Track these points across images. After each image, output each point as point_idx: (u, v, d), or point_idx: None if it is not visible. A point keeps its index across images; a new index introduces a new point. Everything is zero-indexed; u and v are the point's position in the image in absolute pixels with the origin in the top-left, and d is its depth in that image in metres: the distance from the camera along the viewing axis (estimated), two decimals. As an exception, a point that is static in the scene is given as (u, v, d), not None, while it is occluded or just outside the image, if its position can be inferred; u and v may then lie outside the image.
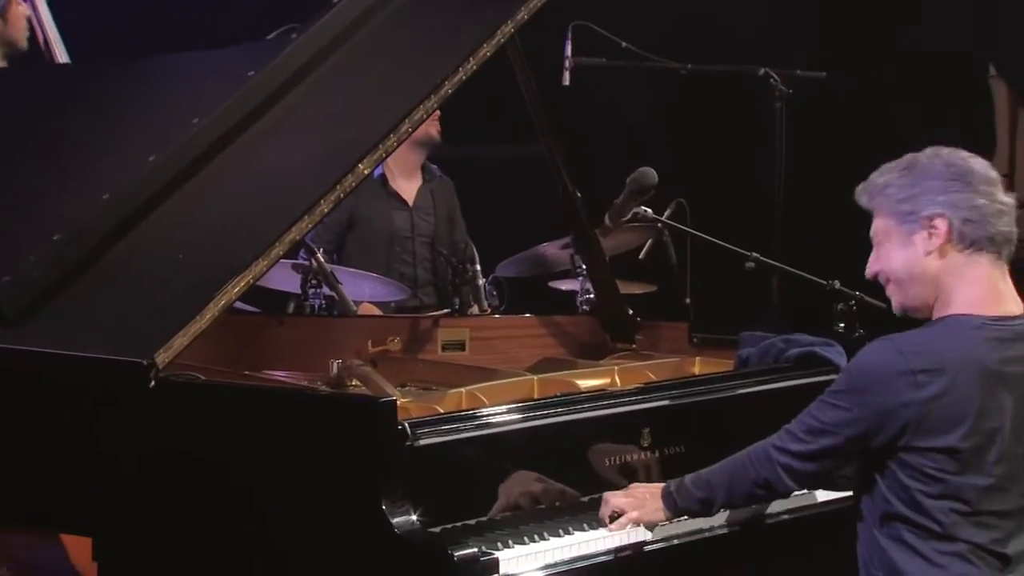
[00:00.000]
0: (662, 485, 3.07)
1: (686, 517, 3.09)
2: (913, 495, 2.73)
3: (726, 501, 2.99)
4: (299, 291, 4.47)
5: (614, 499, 3.09)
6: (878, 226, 2.85)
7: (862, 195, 2.88)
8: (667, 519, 3.06)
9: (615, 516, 3.07)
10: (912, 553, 2.75)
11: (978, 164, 2.83)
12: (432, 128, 5.34)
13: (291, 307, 4.80)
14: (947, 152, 2.83)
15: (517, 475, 3.08)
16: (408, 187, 5.49)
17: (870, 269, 2.89)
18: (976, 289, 2.78)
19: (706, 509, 3.01)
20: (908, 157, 2.85)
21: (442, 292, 5.38)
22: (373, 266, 5.05)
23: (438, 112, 5.31)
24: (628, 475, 3.24)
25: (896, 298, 2.86)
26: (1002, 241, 2.79)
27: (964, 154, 2.83)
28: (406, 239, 5.45)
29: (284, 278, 4.47)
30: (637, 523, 3.05)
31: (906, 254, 2.81)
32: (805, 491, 3.30)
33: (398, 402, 2.93)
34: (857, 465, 2.87)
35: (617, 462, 3.25)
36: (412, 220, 5.47)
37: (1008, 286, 2.83)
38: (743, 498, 2.98)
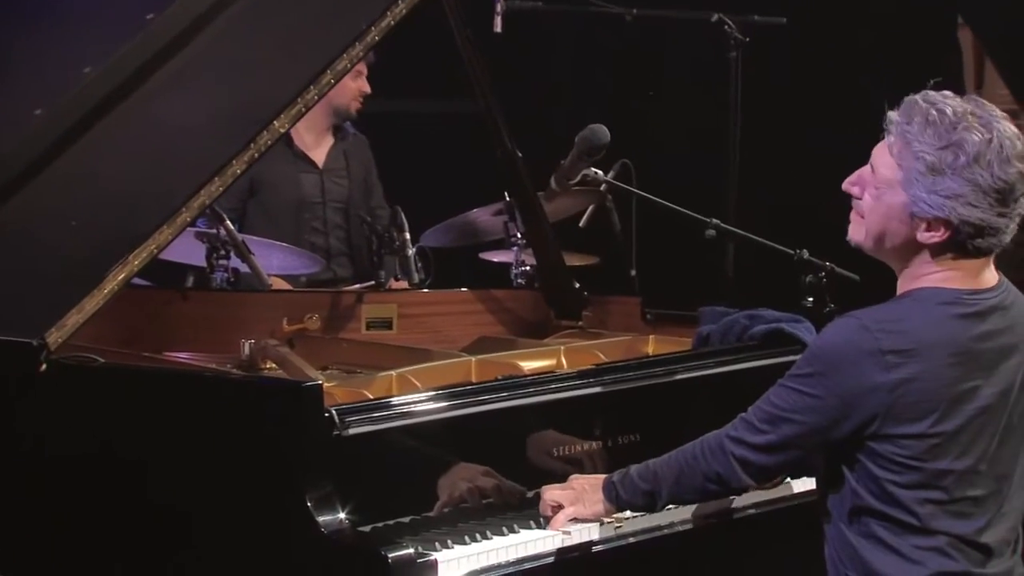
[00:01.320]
0: (604, 476, 3.09)
1: (631, 514, 3.12)
2: (884, 486, 2.77)
3: (673, 495, 3.01)
4: (199, 264, 4.44)
5: (550, 492, 3.11)
6: (886, 171, 2.79)
7: (892, 126, 2.78)
8: (608, 513, 3.08)
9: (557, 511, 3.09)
10: (886, 550, 2.79)
11: (1020, 172, 2.75)
12: (355, 102, 5.35)
13: (190, 281, 4.78)
14: (1001, 145, 2.71)
15: (456, 468, 3.10)
16: (317, 147, 5.47)
17: (851, 187, 2.86)
18: (956, 270, 2.81)
19: (651, 503, 3.03)
20: (962, 128, 2.71)
21: (358, 263, 5.38)
22: (280, 235, 5.03)
23: (364, 77, 5.34)
24: (577, 467, 3.27)
25: (857, 236, 2.86)
26: (999, 247, 2.82)
27: (1019, 150, 2.74)
28: (316, 205, 5.43)
29: (183, 248, 4.44)
30: (575, 518, 3.07)
31: (897, 227, 2.81)
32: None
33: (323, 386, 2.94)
34: (821, 456, 2.89)
35: (565, 453, 3.27)
36: (322, 184, 5.45)
37: (987, 261, 2.86)
38: (693, 493, 3.01)
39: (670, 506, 3.13)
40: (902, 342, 2.75)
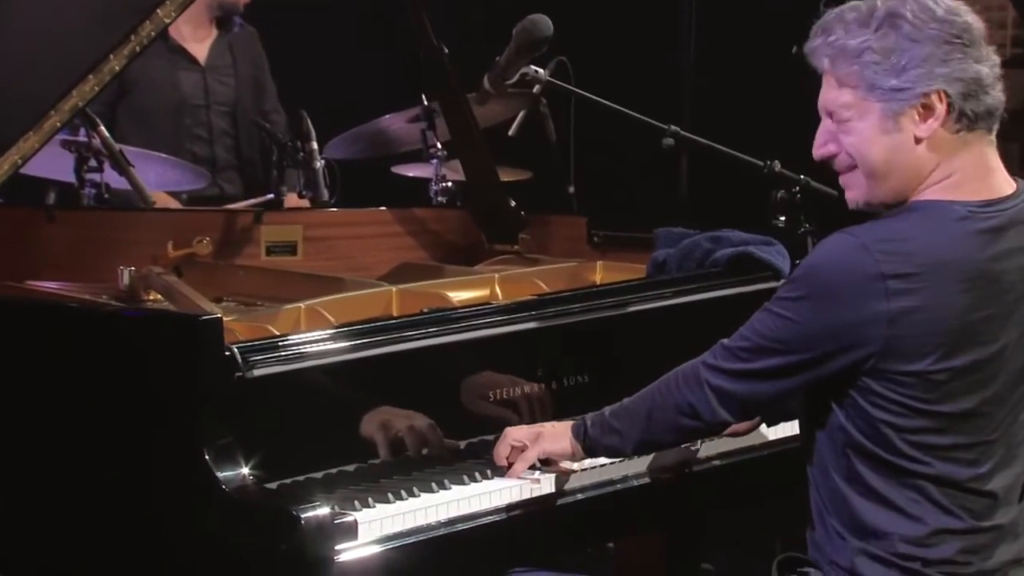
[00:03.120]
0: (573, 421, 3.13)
1: (591, 463, 3.17)
2: (878, 427, 2.81)
3: (645, 434, 3.02)
4: (64, 178, 4.41)
5: (514, 432, 3.15)
6: (843, 99, 2.86)
7: (818, 54, 2.88)
8: (573, 454, 3.11)
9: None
10: (878, 500, 2.84)
11: (971, 15, 2.85)
12: None
13: (51, 197, 4.74)
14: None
15: (377, 415, 3.12)
16: (198, 40, 5.46)
17: (823, 149, 2.91)
18: (963, 171, 2.85)
19: (622, 444, 3.05)
20: (880, 6, 2.82)
21: (250, 178, 5.37)
22: (155, 144, 5.00)
23: None
24: (517, 413, 3.30)
25: (860, 192, 2.90)
26: (997, 112, 2.86)
27: (949, 2, 2.84)
28: (198, 108, 5.42)
29: (45, 160, 4.39)
30: (543, 457, 3.11)
31: (889, 141, 2.83)
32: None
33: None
34: (805, 390, 2.93)
35: (503, 396, 3.30)
36: (205, 83, 5.43)
37: (998, 162, 2.90)
38: (666, 430, 3.01)
39: (645, 456, 3.19)
40: (907, 264, 2.78)
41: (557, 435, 3.12)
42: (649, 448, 3.16)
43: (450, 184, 4.78)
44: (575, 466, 3.19)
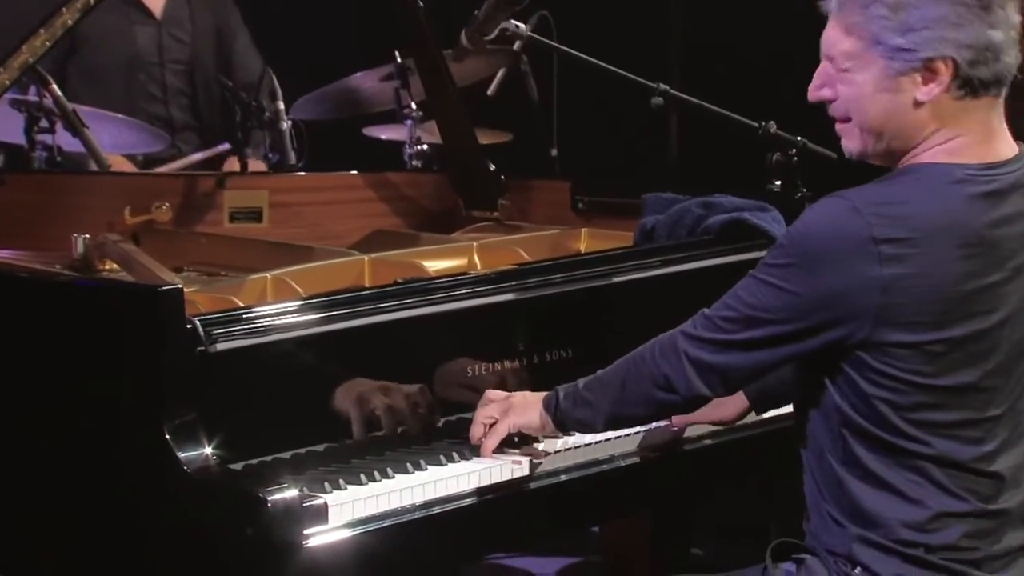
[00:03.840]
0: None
1: (561, 445, 3.19)
2: (875, 405, 2.81)
3: (617, 405, 3.02)
4: (13, 140, 4.41)
5: (485, 410, 3.16)
6: (845, 46, 2.85)
7: (832, 2, 2.87)
8: (543, 428, 3.11)
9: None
10: (876, 484, 2.84)
11: None
12: None
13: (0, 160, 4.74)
14: None
15: (349, 392, 3.12)
16: (154, -10, 5.45)
17: (818, 92, 2.91)
18: (964, 136, 2.85)
19: (592, 417, 3.05)
20: None
21: (210, 140, 5.36)
22: (107, 104, 5.01)
23: None
24: (497, 390, 3.27)
25: (855, 144, 2.90)
26: (1007, 78, 2.85)
27: None
28: (152, 65, 5.43)
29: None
30: (513, 430, 3.13)
31: (887, 100, 2.83)
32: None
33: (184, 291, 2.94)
34: (797, 369, 2.94)
35: (481, 373, 3.31)
36: (160, 39, 5.43)
37: (1001, 125, 2.90)
38: (638, 403, 3.00)
39: (616, 432, 3.19)
40: (901, 228, 2.78)
41: (527, 407, 3.12)
42: (620, 423, 3.13)
43: (426, 147, 4.78)
44: (558, 444, 3.20)
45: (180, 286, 2.94)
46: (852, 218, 2.78)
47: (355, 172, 4.31)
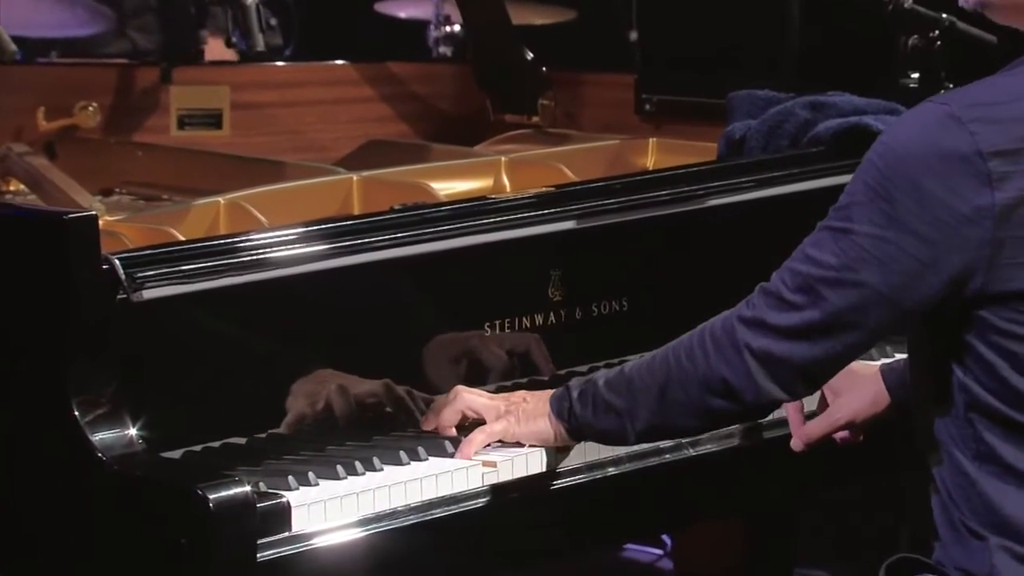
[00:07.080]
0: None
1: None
2: (1006, 379, 2.80)
3: (657, 416, 3.01)
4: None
5: (465, 398, 3.17)
6: None
7: None
8: (555, 438, 3.12)
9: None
10: (1018, 482, 2.83)
11: None
12: None
13: None
14: None
15: (325, 356, 3.13)
16: None
17: None
18: None
19: (620, 429, 3.05)
20: None
21: (174, 30, 5.37)
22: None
23: None
24: (522, 358, 3.33)
25: None
26: None
27: None
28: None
29: None
30: (501, 442, 3.13)
31: None
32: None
33: (100, 220, 2.93)
34: (907, 345, 2.95)
35: (504, 330, 3.32)
36: None
37: None
38: (686, 414, 3.00)
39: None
40: (1012, 137, 2.77)
41: (530, 414, 3.13)
42: (663, 435, 3.16)
43: (457, 28, 4.77)
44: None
45: (93, 213, 2.94)
46: (949, 128, 2.78)
47: (342, 62, 4.33)
